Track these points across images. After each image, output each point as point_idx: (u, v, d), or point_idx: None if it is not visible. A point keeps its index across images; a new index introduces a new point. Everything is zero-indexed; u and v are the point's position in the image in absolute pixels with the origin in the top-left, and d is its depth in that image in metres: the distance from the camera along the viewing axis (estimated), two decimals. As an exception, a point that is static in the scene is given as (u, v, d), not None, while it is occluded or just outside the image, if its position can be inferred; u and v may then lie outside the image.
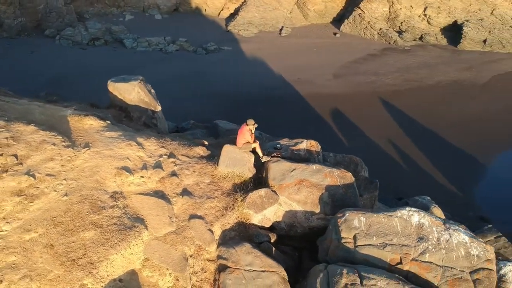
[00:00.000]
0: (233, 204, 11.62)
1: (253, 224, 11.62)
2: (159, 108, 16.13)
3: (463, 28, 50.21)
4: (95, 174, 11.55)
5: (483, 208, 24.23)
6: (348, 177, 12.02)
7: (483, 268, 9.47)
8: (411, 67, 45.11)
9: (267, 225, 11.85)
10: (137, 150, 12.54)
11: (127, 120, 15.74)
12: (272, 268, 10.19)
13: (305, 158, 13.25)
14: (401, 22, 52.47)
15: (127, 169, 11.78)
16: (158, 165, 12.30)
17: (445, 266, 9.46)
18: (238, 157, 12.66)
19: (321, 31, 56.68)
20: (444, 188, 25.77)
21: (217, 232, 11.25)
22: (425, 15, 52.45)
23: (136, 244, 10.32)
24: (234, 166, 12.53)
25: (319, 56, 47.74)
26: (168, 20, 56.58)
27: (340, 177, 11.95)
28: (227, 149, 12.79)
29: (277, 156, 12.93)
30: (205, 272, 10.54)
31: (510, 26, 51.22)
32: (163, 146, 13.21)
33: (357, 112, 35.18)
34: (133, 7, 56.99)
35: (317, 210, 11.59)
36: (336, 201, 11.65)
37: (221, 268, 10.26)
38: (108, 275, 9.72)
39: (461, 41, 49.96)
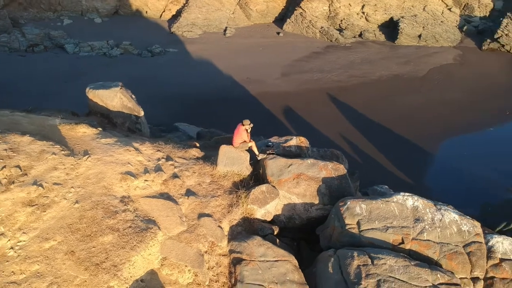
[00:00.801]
0: (237, 201, 12.27)
1: (256, 218, 12.34)
2: (142, 113, 16.42)
3: (399, 24, 53.20)
4: (101, 180, 11.82)
5: (434, 193, 25.90)
6: (341, 169, 13.02)
7: (474, 242, 10.76)
8: (354, 63, 47.11)
9: (269, 218, 12.61)
10: (136, 155, 12.88)
11: (111, 126, 15.91)
12: (284, 257, 10.96)
13: (296, 153, 14.13)
14: (341, 20, 54.71)
15: (131, 174, 12.12)
16: (158, 168, 12.71)
17: (441, 243, 10.64)
18: (235, 156, 13.31)
19: (264, 30, 57.86)
20: (396, 177, 27.28)
21: (226, 228, 11.87)
22: (363, 12, 55.00)
23: (153, 245, 10.74)
24: (232, 165, 13.17)
25: (266, 56, 48.81)
26: (108, 24, 55.71)
27: (334, 169, 12.93)
28: (224, 149, 13.40)
29: (272, 153, 13.72)
30: (219, 267, 11.12)
31: (441, 21, 54.71)
32: (159, 150, 13.62)
33: (308, 109, 36.42)
34: (71, 11, 55.64)
35: (316, 201, 12.50)
36: (333, 192, 12.61)
37: (236, 261, 10.89)
38: (131, 276, 10.11)
39: (398, 36, 52.88)
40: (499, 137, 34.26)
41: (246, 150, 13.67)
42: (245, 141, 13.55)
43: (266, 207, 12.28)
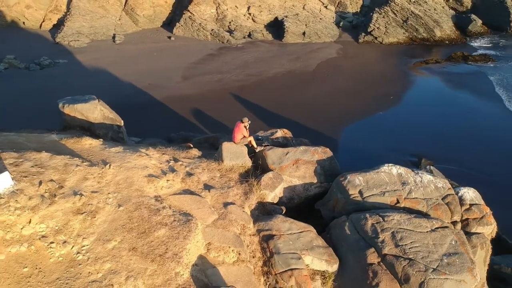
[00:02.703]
0: (250, 189, 14.08)
1: (268, 202, 14.26)
2: (122, 122, 17.29)
3: (284, 23, 57.42)
4: (132, 184, 12.90)
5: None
6: (328, 152, 15.44)
7: (448, 194, 13.83)
8: (249, 63, 49.95)
9: (276, 201, 14.59)
10: (148, 159, 14.05)
11: (94, 137, 16.60)
12: (306, 228, 13.06)
13: (284, 143, 16.25)
14: (230, 22, 57.43)
15: (153, 176, 13.33)
16: (172, 169, 14.03)
17: (426, 198, 13.54)
18: (237, 151, 15.05)
19: (154, 35, 58.46)
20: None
21: (248, 212, 13.62)
22: (249, 14, 58.28)
23: (198, 233, 12.20)
24: (236, 159, 14.90)
25: (162, 60, 49.67)
26: (-20, 38, 52.61)
27: (323, 152, 15.30)
28: (226, 145, 15.06)
29: (267, 145, 15.68)
30: (252, 245, 12.88)
31: (320, 19, 60.02)
32: (163, 153, 14.87)
33: (215, 109, 38.42)
34: None
35: (315, 181, 14.76)
36: (327, 171, 14.98)
37: (267, 238, 12.74)
38: (189, 262, 11.51)
39: (284, 35, 57.03)
40: (388, 119, 39.25)
41: (244, 144, 15.49)
42: (244, 136, 15.36)
43: (275, 191, 14.27)
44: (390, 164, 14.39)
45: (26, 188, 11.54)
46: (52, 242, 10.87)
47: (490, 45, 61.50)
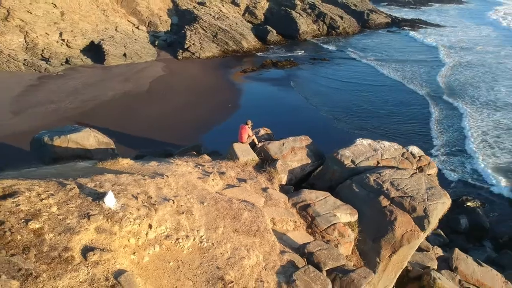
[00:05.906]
0: (270, 175, 17.21)
1: (283, 183, 17.56)
2: (114, 145, 18.35)
3: (103, 46, 57.74)
4: (195, 186, 14.96)
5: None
6: (309, 138, 19.33)
7: (404, 152, 19.07)
8: (79, 89, 49.11)
9: (286, 183, 17.94)
10: (185, 167, 16.10)
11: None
12: (326, 195, 16.77)
13: (269, 139, 19.55)
14: (42, 50, 55.23)
15: (204, 178, 15.59)
16: (205, 171, 16.35)
17: (393, 157, 18.52)
18: (246, 149, 17.89)
19: (-46, 72, 52.84)
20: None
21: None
22: (63, 40, 56.94)
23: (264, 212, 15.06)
24: (248, 155, 17.73)
25: (-24, 98, 45.91)
26: None
27: (306, 139, 19.14)
28: (236, 146, 17.78)
29: (265, 141, 18.80)
30: (294, 215, 16.18)
31: (135, 39, 62.01)
32: (187, 161, 16.94)
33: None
34: None
35: (309, 161, 18.52)
36: (314, 153, 18.85)
37: (303, 207, 16.13)
38: (272, 234, 14.43)
39: (105, 58, 57.32)
40: (235, 124, 43.91)
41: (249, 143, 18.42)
42: (249, 136, 18.27)
43: (286, 174, 17.68)
44: (360, 139, 19.09)
45: (128, 202, 12.93)
46: (178, 239, 12.66)
47: (287, 53, 72.16)
